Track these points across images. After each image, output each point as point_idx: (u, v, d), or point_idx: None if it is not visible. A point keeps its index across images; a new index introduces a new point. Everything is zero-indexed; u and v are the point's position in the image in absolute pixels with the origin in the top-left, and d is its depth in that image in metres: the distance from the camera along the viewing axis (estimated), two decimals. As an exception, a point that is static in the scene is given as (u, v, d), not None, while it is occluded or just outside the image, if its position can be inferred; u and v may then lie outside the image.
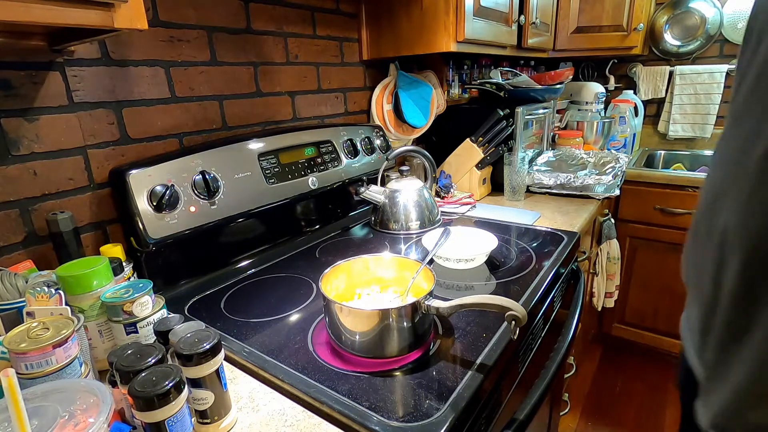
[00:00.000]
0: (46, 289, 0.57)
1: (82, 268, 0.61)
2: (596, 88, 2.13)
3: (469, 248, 0.95)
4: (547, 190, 1.49)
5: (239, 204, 0.91)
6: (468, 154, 1.46)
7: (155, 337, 0.56)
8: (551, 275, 0.87)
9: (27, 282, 0.63)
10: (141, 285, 0.63)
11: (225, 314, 0.78)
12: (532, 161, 1.56)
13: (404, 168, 1.22)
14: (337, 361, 0.63)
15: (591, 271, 1.71)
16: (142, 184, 0.77)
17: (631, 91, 2.27)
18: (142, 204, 0.77)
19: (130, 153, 0.85)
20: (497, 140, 1.43)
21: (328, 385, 0.58)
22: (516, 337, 0.61)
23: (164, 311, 0.65)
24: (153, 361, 0.47)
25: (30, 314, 0.56)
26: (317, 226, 1.16)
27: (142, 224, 0.77)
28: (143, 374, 0.45)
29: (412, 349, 0.63)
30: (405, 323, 0.61)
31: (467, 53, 1.47)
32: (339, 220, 1.23)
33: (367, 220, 1.25)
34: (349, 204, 1.27)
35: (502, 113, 1.41)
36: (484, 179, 1.51)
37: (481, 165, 1.45)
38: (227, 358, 0.66)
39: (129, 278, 0.72)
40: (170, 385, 0.43)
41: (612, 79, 2.36)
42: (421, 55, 1.28)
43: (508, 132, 1.43)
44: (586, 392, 1.90)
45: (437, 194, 1.45)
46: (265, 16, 1.06)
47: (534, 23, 1.58)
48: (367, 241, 1.11)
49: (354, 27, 1.32)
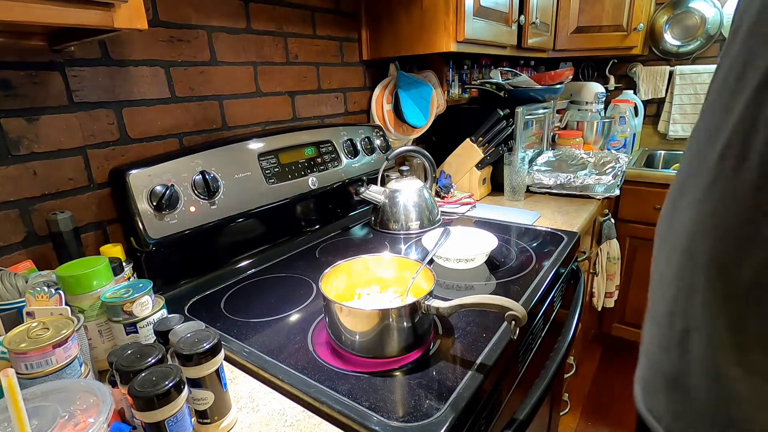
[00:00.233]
0: (46, 289, 0.57)
1: (82, 268, 0.61)
2: (596, 88, 2.13)
3: (469, 248, 0.95)
4: (547, 190, 1.49)
5: (239, 204, 0.91)
6: (468, 154, 1.46)
7: (155, 337, 0.56)
8: (551, 275, 0.87)
9: (27, 282, 0.63)
10: (141, 285, 0.63)
11: (225, 314, 0.78)
12: (532, 161, 1.56)
13: (404, 168, 1.22)
14: (337, 361, 0.63)
15: (591, 271, 1.71)
16: (142, 184, 0.77)
17: (631, 91, 2.26)
18: (142, 204, 0.77)
19: (130, 153, 0.85)
20: (497, 140, 1.43)
21: (328, 385, 0.58)
22: (516, 337, 0.61)
23: (164, 311, 0.65)
24: (153, 361, 0.47)
25: (30, 314, 0.56)
26: (317, 226, 1.16)
27: (142, 224, 0.77)
28: (143, 374, 0.45)
29: (412, 349, 0.63)
30: (405, 323, 0.61)
31: (467, 53, 1.47)
32: (339, 220, 1.23)
33: (367, 220, 1.25)
34: (349, 204, 1.27)
35: (502, 113, 1.41)
36: (484, 179, 1.51)
37: (481, 165, 1.45)
38: (227, 358, 0.66)
39: (129, 278, 0.72)
40: (170, 385, 0.44)
41: (612, 79, 2.36)
42: (421, 55, 1.28)
43: (508, 132, 1.43)
44: (586, 392, 1.90)
45: (437, 194, 1.45)
46: (265, 16, 1.06)
47: (534, 23, 1.58)
48: (367, 241, 1.11)
49: (354, 27, 1.32)
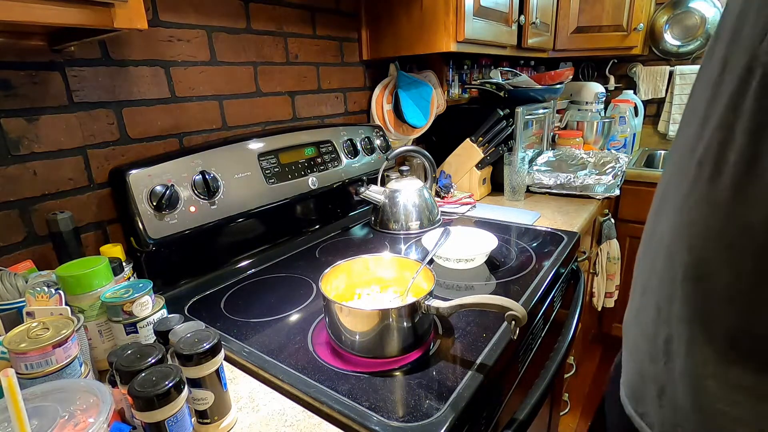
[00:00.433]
0: (46, 289, 0.57)
1: (82, 268, 0.61)
2: (596, 88, 2.13)
3: (469, 248, 0.95)
4: (547, 190, 1.49)
5: (239, 204, 0.91)
6: (468, 154, 1.46)
7: (155, 337, 0.56)
8: (551, 275, 0.87)
9: (27, 282, 0.63)
10: (141, 285, 0.63)
11: (225, 314, 0.78)
12: (532, 161, 1.56)
13: (404, 168, 1.22)
14: (337, 361, 0.63)
15: (591, 271, 1.71)
16: (142, 184, 0.77)
17: (631, 91, 2.26)
18: (142, 204, 0.77)
19: (130, 153, 0.85)
20: (497, 140, 1.43)
21: (328, 385, 0.58)
22: (516, 337, 0.61)
23: (164, 311, 0.65)
24: (153, 361, 0.47)
25: (30, 314, 0.56)
26: (317, 226, 1.16)
27: (142, 224, 0.77)
28: (143, 374, 0.45)
29: (412, 349, 0.63)
30: (405, 323, 0.61)
31: (467, 53, 1.47)
32: (339, 220, 1.23)
33: (367, 220, 1.25)
34: (349, 204, 1.27)
35: (502, 113, 1.41)
36: (484, 179, 1.51)
37: (481, 165, 1.45)
38: (227, 358, 0.66)
39: (129, 278, 0.72)
40: (170, 385, 0.44)
41: (612, 79, 2.36)
42: (421, 55, 1.28)
43: (508, 132, 1.43)
44: (586, 392, 1.90)
45: (437, 194, 1.45)
46: (265, 16, 1.06)
47: (534, 23, 1.58)
48: (367, 241, 1.11)
49: (354, 27, 1.32)
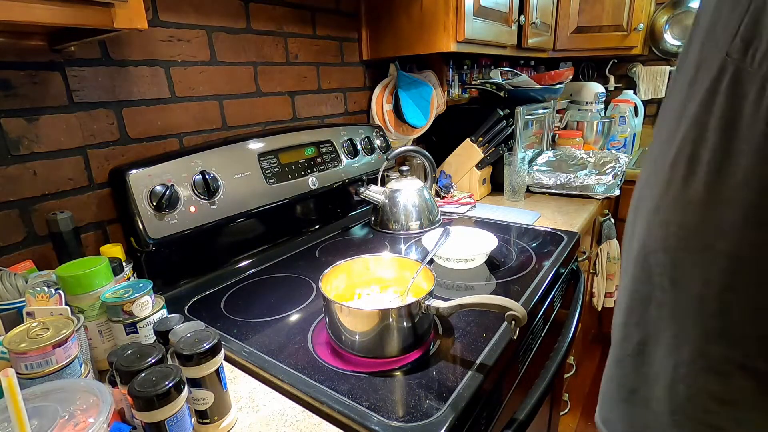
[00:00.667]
0: (46, 289, 0.57)
1: (82, 268, 0.61)
2: (596, 88, 2.13)
3: (469, 248, 0.95)
4: (547, 190, 1.49)
5: (239, 204, 0.91)
6: (468, 154, 1.46)
7: (155, 337, 0.56)
8: (551, 275, 0.87)
9: (27, 282, 0.63)
10: (141, 285, 0.63)
11: (225, 314, 0.78)
12: (532, 161, 1.56)
13: (404, 168, 1.22)
14: (337, 361, 0.63)
15: (591, 271, 1.71)
16: (142, 184, 0.77)
17: (631, 91, 2.26)
18: (142, 204, 0.77)
19: (130, 153, 0.85)
20: (497, 140, 1.43)
21: (328, 385, 0.58)
22: (516, 337, 0.61)
23: (164, 311, 0.65)
24: (153, 361, 0.47)
25: (30, 314, 0.56)
26: (317, 226, 1.16)
27: (142, 224, 0.77)
28: (143, 374, 0.45)
29: (412, 349, 0.63)
30: (405, 323, 0.61)
31: (467, 53, 1.47)
32: (339, 220, 1.23)
33: (367, 220, 1.25)
34: (349, 204, 1.27)
35: (502, 113, 1.41)
36: (484, 179, 1.51)
37: (481, 165, 1.45)
38: (227, 358, 0.66)
39: (129, 278, 0.72)
40: (170, 385, 0.44)
41: (612, 79, 2.36)
42: (421, 55, 1.28)
43: (508, 132, 1.43)
44: (586, 392, 1.90)
45: (437, 194, 1.45)
46: (265, 16, 1.06)
47: (534, 23, 1.58)
48: (367, 241, 1.11)
49: (354, 27, 1.32)
